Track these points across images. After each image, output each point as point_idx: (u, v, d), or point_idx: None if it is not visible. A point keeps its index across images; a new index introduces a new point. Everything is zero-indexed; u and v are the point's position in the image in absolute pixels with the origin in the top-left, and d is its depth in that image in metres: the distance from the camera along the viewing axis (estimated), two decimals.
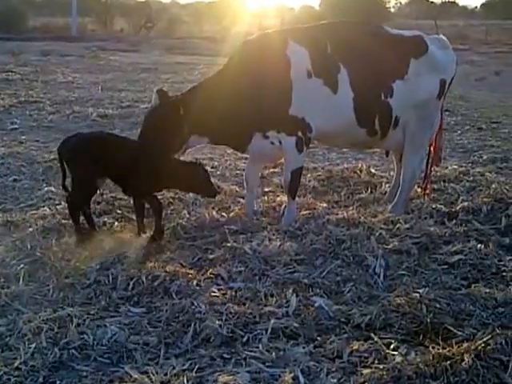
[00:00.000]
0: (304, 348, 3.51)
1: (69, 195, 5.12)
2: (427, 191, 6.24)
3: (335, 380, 3.20)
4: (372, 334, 3.63)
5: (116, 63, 21.16)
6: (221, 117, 5.20)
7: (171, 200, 6.13)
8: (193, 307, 3.85)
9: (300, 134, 5.28)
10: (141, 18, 44.94)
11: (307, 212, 5.75)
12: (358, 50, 5.39)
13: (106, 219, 5.54)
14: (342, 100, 5.30)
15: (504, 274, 4.50)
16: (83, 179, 5.06)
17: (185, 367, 3.32)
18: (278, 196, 6.30)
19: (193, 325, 3.69)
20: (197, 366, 3.31)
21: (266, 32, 5.86)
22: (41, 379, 3.25)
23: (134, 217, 5.50)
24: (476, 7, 78.94)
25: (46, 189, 6.59)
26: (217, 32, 38.27)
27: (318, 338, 3.63)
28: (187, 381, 3.17)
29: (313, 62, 5.23)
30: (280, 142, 5.31)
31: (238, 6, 43.30)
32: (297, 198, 5.76)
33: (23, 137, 9.33)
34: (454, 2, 70.95)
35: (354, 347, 3.48)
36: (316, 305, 3.98)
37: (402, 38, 5.67)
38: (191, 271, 4.45)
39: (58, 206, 5.87)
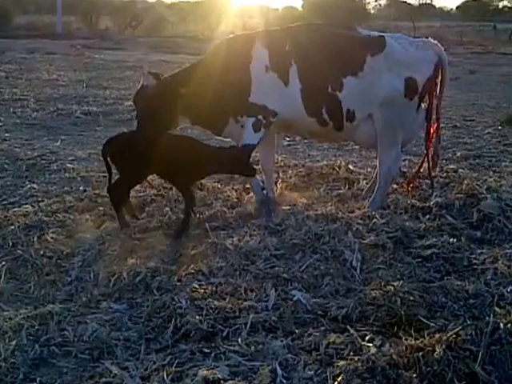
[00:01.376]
0: (282, 341, 3.58)
1: (113, 189, 5.32)
2: (410, 189, 6.40)
3: (312, 372, 3.28)
4: (348, 327, 3.71)
5: (101, 61, 21.09)
6: (201, 102, 5.74)
7: (154, 197, 6.18)
8: (173, 303, 3.92)
9: (260, 116, 5.82)
10: (126, 17, 44.76)
11: (287, 208, 5.84)
12: (312, 48, 5.82)
13: (88, 216, 5.57)
14: (292, 91, 5.77)
15: (475, 266, 4.62)
16: (132, 176, 5.35)
17: (165, 362, 3.38)
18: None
19: (173, 320, 3.76)
20: (177, 361, 3.38)
21: (242, 33, 6.52)
22: (21, 376, 3.29)
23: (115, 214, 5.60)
24: (452, 9, 79.54)
25: (28, 186, 6.61)
26: (201, 31, 38.25)
27: (296, 331, 3.72)
28: (167, 376, 3.24)
29: (270, 60, 5.79)
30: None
31: (223, 6, 43.23)
32: (276, 193, 5.97)
33: (7, 134, 9.33)
34: (431, 4, 71.42)
35: (331, 339, 3.55)
36: (294, 299, 4.07)
37: (362, 37, 5.94)
38: (172, 267, 4.51)
39: (40, 204, 5.91)
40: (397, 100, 5.79)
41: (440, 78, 5.97)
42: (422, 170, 6.44)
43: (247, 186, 6.49)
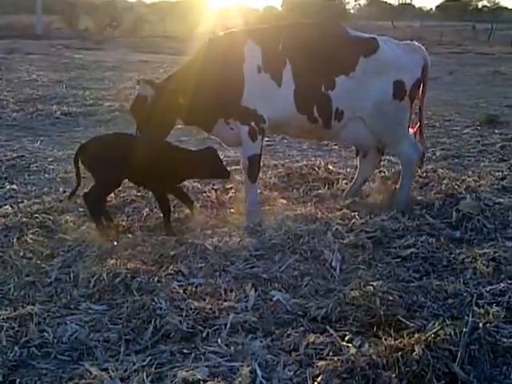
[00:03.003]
0: (262, 342, 3.59)
1: (88, 195, 5.25)
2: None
3: (291, 372, 3.28)
4: (328, 327, 3.72)
5: (80, 61, 20.97)
6: (193, 102, 5.71)
7: (134, 198, 6.17)
8: (153, 303, 3.91)
9: (253, 123, 5.76)
10: (106, 17, 44.51)
11: (267, 208, 5.85)
12: (306, 48, 5.83)
13: (68, 217, 5.53)
14: (285, 92, 5.77)
15: (454, 266, 4.65)
16: (107, 181, 5.27)
17: (145, 363, 3.37)
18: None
19: (153, 321, 3.74)
20: (156, 362, 3.37)
21: (230, 31, 6.26)
22: (0, 378, 3.26)
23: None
24: (431, 9, 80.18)
25: (8, 187, 6.58)
26: (181, 31, 38.13)
27: (276, 332, 3.71)
28: (147, 377, 3.22)
29: (263, 59, 5.74)
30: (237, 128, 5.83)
31: (202, 5, 43.21)
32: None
33: None
34: (411, 4, 72.05)
35: (311, 340, 3.56)
36: (274, 299, 4.07)
37: (354, 38, 6.02)
38: (152, 268, 4.50)
39: (20, 205, 5.87)
40: (386, 102, 5.91)
41: (424, 80, 6.14)
42: None
43: (227, 186, 6.50)
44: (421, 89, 6.16)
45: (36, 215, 5.51)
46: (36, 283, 4.31)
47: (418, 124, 6.33)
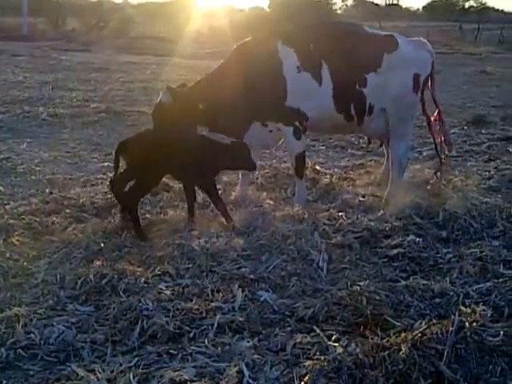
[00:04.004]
0: (249, 342, 3.59)
1: (129, 193, 5.31)
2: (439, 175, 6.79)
3: (278, 372, 3.27)
4: (315, 327, 3.72)
5: (67, 63, 20.83)
6: (222, 109, 5.82)
7: None
8: (140, 304, 3.89)
9: (297, 123, 5.98)
10: (93, 18, 44.34)
11: (254, 209, 5.86)
12: (336, 47, 6.08)
13: (54, 219, 5.51)
14: (325, 91, 5.98)
15: (441, 266, 4.68)
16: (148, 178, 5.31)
17: (131, 364, 3.35)
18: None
19: (140, 322, 3.73)
20: (143, 363, 3.36)
21: (257, 36, 6.57)
22: None
23: (83, 215, 5.55)
24: (418, 9, 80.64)
25: None
26: (168, 32, 38.10)
27: (263, 332, 3.72)
28: (133, 377, 3.21)
29: (300, 60, 5.93)
30: (278, 129, 6.03)
31: (189, 6, 43.16)
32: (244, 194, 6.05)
33: None
34: (398, 4, 72.46)
35: (298, 340, 3.56)
36: (261, 299, 4.08)
37: (376, 35, 6.44)
38: (139, 269, 4.49)
39: (6, 206, 5.85)
40: (407, 95, 6.30)
41: (432, 74, 6.62)
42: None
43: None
44: (429, 82, 6.61)
45: (22, 217, 5.49)
46: (22, 285, 4.29)
47: (437, 111, 6.78)
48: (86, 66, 19.77)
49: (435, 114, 6.78)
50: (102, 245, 4.94)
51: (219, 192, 5.75)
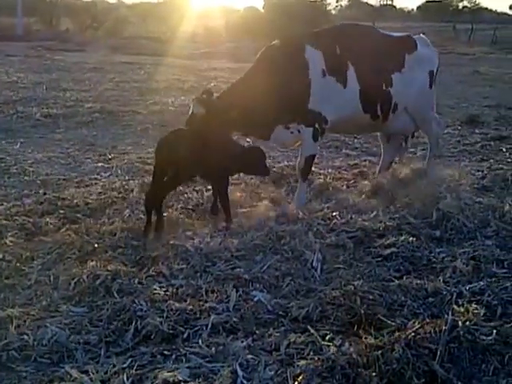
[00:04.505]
0: (243, 342, 3.59)
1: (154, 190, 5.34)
2: None
3: (272, 372, 3.28)
4: (309, 327, 3.73)
5: (61, 63, 20.80)
6: (252, 113, 5.84)
7: (115, 199, 6.14)
8: (134, 305, 3.89)
9: (317, 125, 6.07)
10: (87, 18, 44.25)
11: (249, 209, 5.86)
12: (362, 49, 6.34)
13: (48, 219, 5.49)
14: (351, 93, 6.18)
15: (434, 265, 4.69)
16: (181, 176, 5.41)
17: (125, 365, 3.35)
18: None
19: (134, 323, 3.73)
20: (137, 364, 3.36)
21: (285, 38, 6.60)
22: None
23: (76, 216, 5.55)
24: (412, 10, 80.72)
25: None
26: (163, 32, 38.05)
27: (257, 332, 3.72)
28: (127, 378, 3.21)
29: (326, 63, 6.06)
30: (299, 131, 6.10)
31: (184, 6, 43.17)
32: (238, 195, 6.05)
33: None
34: (392, 5, 72.65)
35: (292, 339, 3.57)
36: (255, 299, 4.07)
37: (396, 37, 6.83)
38: (133, 269, 4.49)
39: None
40: (425, 91, 6.80)
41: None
42: None
43: (209, 187, 6.49)
44: None
45: (16, 217, 5.48)
46: (16, 286, 4.28)
47: None
48: (81, 66, 19.74)
49: None
50: (96, 245, 4.93)
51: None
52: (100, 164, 7.88)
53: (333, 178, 7.18)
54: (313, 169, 7.29)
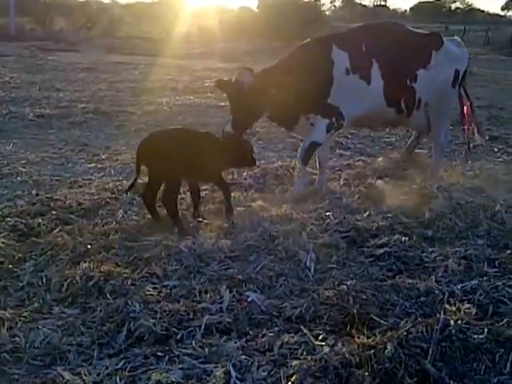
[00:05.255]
0: (236, 343, 3.59)
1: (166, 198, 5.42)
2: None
3: (265, 373, 3.28)
4: (302, 327, 3.73)
5: (55, 63, 20.75)
6: (281, 100, 6.10)
7: (108, 200, 6.13)
8: (127, 306, 3.89)
9: (334, 119, 6.40)
10: (81, 18, 44.16)
11: (242, 209, 5.86)
12: (387, 46, 6.63)
13: (40, 220, 5.47)
14: (375, 89, 6.49)
15: (426, 264, 4.70)
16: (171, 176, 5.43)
17: (118, 367, 3.35)
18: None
19: (127, 324, 3.72)
20: (130, 365, 3.35)
21: (317, 38, 6.89)
22: None
23: (69, 217, 5.54)
24: (406, 10, 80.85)
25: None
26: (157, 32, 38.00)
27: (250, 332, 3.72)
28: (120, 380, 3.21)
29: (351, 62, 6.39)
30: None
31: (178, 6, 43.14)
32: (232, 195, 5.97)
33: None
34: (385, 6, 72.81)
35: (285, 340, 3.57)
36: (249, 300, 4.07)
37: (423, 33, 7.12)
38: (126, 270, 4.47)
39: None
40: (448, 88, 7.06)
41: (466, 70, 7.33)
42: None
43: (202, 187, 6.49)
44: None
45: (8, 219, 5.45)
46: (8, 287, 4.27)
47: (469, 103, 7.57)
48: (74, 66, 19.70)
49: (465, 106, 7.50)
50: (89, 246, 4.91)
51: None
52: (93, 164, 7.87)
53: (326, 178, 7.17)
54: (307, 169, 7.34)
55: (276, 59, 6.53)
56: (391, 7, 77.61)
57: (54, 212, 5.72)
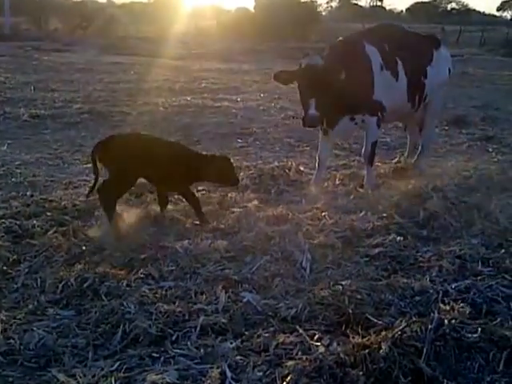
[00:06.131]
0: (232, 343, 3.59)
1: (104, 191, 5.34)
2: None
3: (261, 373, 3.28)
4: (297, 327, 3.73)
5: (50, 63, 20.70)
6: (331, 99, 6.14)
7: None
8: (122, 308, 3.89)
9: (379, 114, 6.70)
10: (76, 18, 44.09)
11: (238, 210, 5.85)
12: (404, 45, 7.01)
13: (35, 222, 5.45)
14: (401, 85, 6.87)
15: (421, 264, 4.72)
16: (122, 178, 5.37)
17: (113, 368, 3.35)
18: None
19: (122, 325, 3.72)
20: (125, 367, 3.36)
21: (347, 37, 7.17)
22: None
23: (64, 218, 5.54)
24: (402, 11, 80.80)
25: None
26: (153, 32, 37.95)
27: (246, 333, 3.72)
28: (115, 381, 3.21)
29: (382, 59, 6.70)
30: (362, 121, 6.66)
31: (174, 6, 43.12)
32: (229, 195, 6.12)
33: None
34: (381, 6, 72.94)
35: (280, 340, 3.57)
36: (244, 300, 4.07)
37: (424, 35, 7.70)
38: (122, 272, 4.47)
39: None
40: (444, 85, 7.63)
41: None
42: None
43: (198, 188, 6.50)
44: None
45: (2, 220, 5.44)
46: (2, 289, 4.27)
47: None
48: (69, 67, 19.65)
49: None
50: (84, 248, 4.91)
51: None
52: (88, 165, 7.79)
53: (322, 178, 7.18)
54: (302, 169, 7.38)
55: (272, 59, 6.55)
56: (387, 7, 77.62)
57: (48, 213, 5.71)
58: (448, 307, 3.82)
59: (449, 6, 73.13)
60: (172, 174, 5.45)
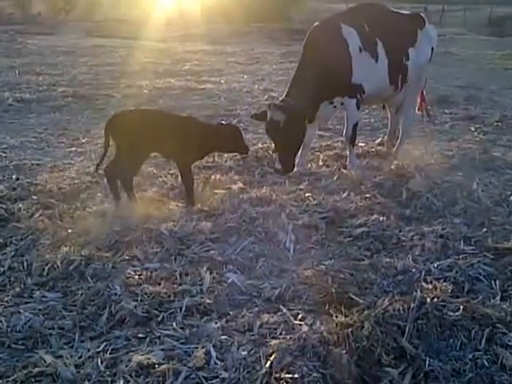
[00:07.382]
0: (216, 323, 3.64)
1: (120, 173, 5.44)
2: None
3: (245, 352, 3.32)
4: (281, 306, 3.79)
5: (34, 47, 20.49)
6: (312, 100, 6.37)
7: (88, 184, 6.13)
8: (108, 289, 3.93)
9: (359, 96, 6.63)
10: (59, 1, 43.50)
11: (223, 192, 5.88)
12: (385, 26, 6.89)
13: (21, 205, 5.47)
14: (381, 66, 6.76)
15: (404, 243, 4.77)
16: (135, 154, 5.46)
17: (99, 349, 3.39)
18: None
19: (108, 307, 3.76)
20: (111, 348, 3.39)
21: (324, 20, 7.01)
22: None
23: (50, 201, 5.53)
24: None
25: None
26: (136, 15, 37.52)
27: (231, 313, 3.77)
28: (101, 362, 3.25)
29: (361, 40, 6.60)
30: (342, 104, 6.66)
31: None
32: (213, 177, 6.15)
33: None
34: None
35: (264, 320, 3.62)
36: (229, 281, 4.12)
37: (409, 14, 7.50)
38: (107, 254, 4.50)
39: None
40: (425, 66, 7.38)
41: None
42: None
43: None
44: None
45: None
46: None
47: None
48: (53, 50, 19.46)
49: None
50: (70, 231, 4.92)
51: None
52: (73, 148, 7.84)
53: (306, 159, 7.21)
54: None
55: (257, 41, 6.55)
56: None
57: (34, 197, 5.72)
58: (430, 286, 3.87)
59: None
60: (186, 146, 5.47)
